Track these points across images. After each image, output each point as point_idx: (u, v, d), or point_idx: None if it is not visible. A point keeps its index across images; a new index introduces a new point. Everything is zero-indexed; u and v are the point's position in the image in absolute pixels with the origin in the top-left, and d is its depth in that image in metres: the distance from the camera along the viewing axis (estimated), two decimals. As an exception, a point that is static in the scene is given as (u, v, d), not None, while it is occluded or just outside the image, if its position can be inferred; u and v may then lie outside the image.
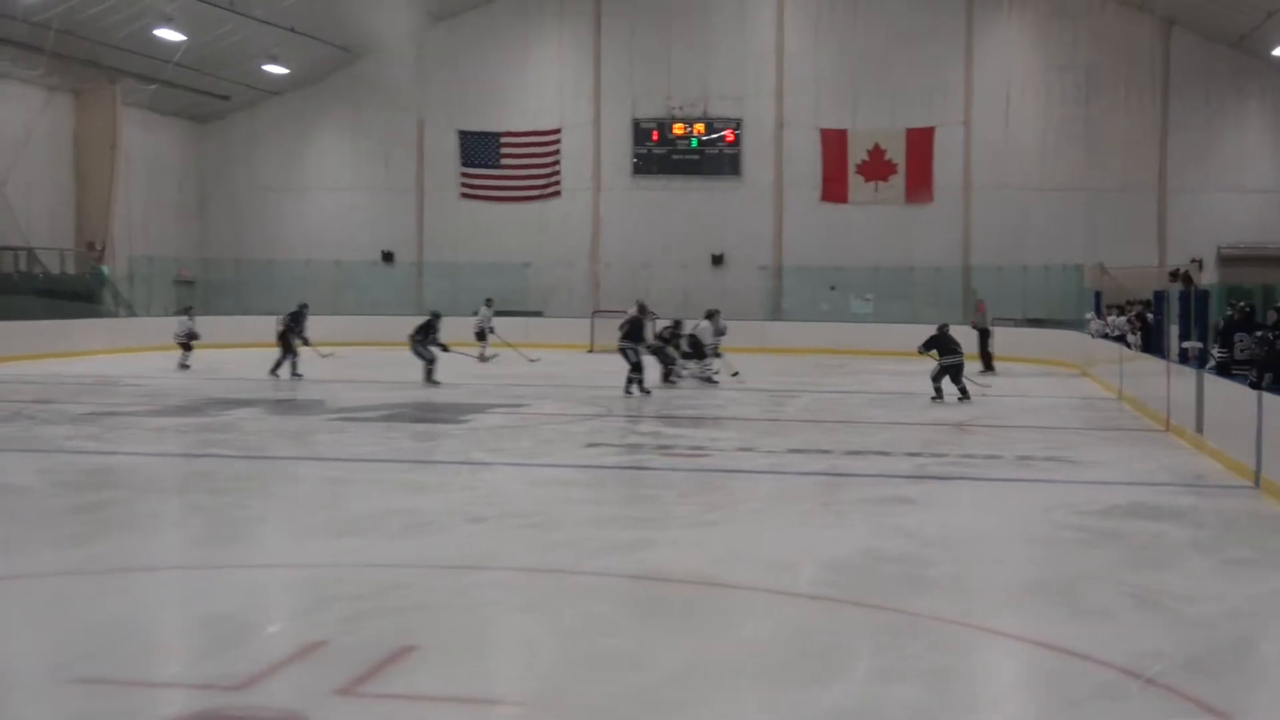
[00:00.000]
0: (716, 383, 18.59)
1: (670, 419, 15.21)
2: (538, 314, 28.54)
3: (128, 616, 6.23)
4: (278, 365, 19.44)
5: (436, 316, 19.01)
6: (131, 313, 26.89)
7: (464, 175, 30.26)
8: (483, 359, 22.77)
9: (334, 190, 31.10)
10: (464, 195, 30.32)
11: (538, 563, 7.44)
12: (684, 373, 18.92)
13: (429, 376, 18.04)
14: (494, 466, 11.22)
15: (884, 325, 24.69)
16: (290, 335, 19.47)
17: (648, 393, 16.75)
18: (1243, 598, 6.87)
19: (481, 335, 23.36)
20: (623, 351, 17.11)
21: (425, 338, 18.31)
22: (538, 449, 12.38)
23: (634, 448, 12.81)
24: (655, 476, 11.02)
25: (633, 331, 17.40)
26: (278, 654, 5.50)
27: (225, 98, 29.61)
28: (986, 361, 21.48)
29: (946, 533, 8.52)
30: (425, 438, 13.22)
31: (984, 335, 21.47)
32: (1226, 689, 5.18)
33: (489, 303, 23.85)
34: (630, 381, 16.77)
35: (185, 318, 21.77)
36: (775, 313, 29.10)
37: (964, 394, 16.35)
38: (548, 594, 6.82)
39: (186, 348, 21.28)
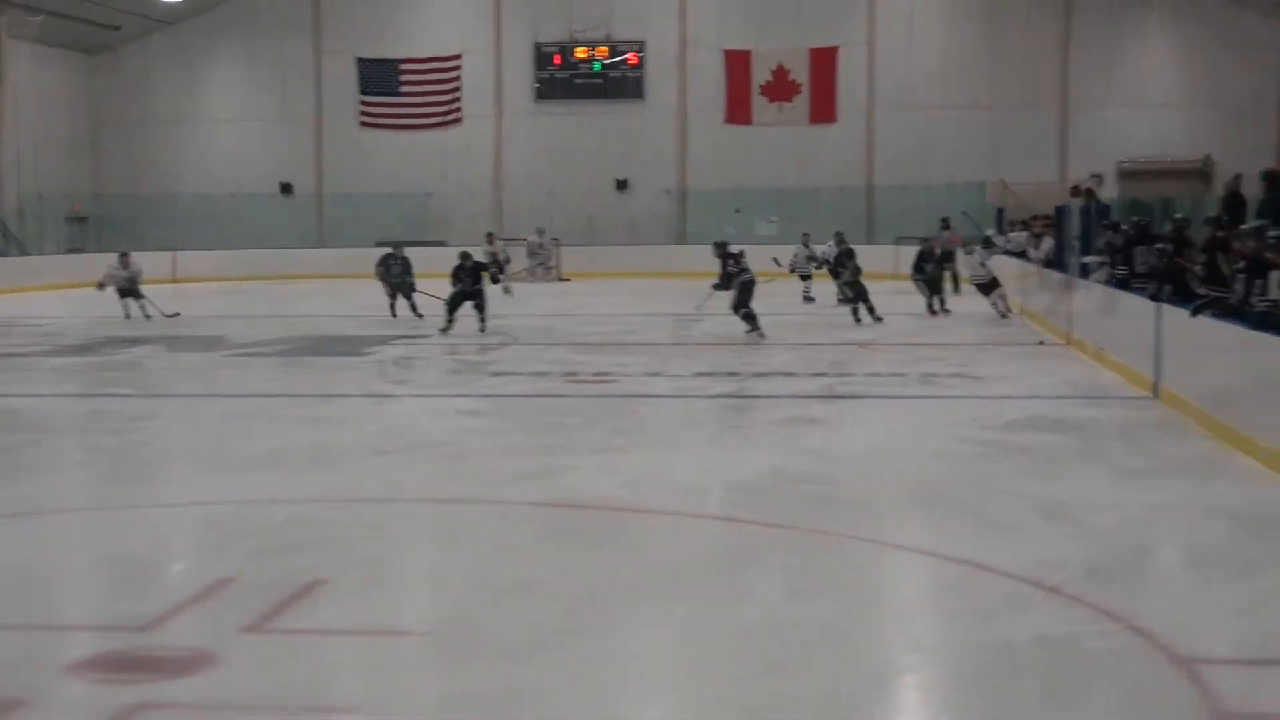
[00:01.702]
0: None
1: (577, 345, 14.83)
2: (441, 243, 25.36)
3: (30, 560, 6.02)
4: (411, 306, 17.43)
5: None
6: (24, 251, 25.89)
7: (363, 104, 29.49)
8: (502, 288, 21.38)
9: (230, 122, 29.92)
10: (364, 124, 29.53)
11: (446, 493, 7.32)
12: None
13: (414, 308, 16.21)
14: (399, 398, 11.04)
15: (789, 246, 22.44)
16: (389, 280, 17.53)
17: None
18: (1141, 506, 6.93)
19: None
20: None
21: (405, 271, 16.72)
22: (443, 380, 12.16)
23: (540, 375, 12.28)
24: (562, 404, 10.71)
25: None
26: (184, 593, 5.38)
27: (116, 28, 28.21)
28: (954, 284, 19.87)
29: (853, 451, 8.54)
30: (327, 371, 12.67)
31: (946, 258, 19.71)
32: (1127, 596, 5.16)
33: (491, 237, 22.34)
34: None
35: (119, 260, 18.27)
36: (680, 237, 28.16)
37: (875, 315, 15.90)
38: (457, 524, 6.73)
39: (132, 294, 17.54)
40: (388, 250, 17.36)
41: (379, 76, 28.96)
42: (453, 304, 13.99)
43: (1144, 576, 5.79)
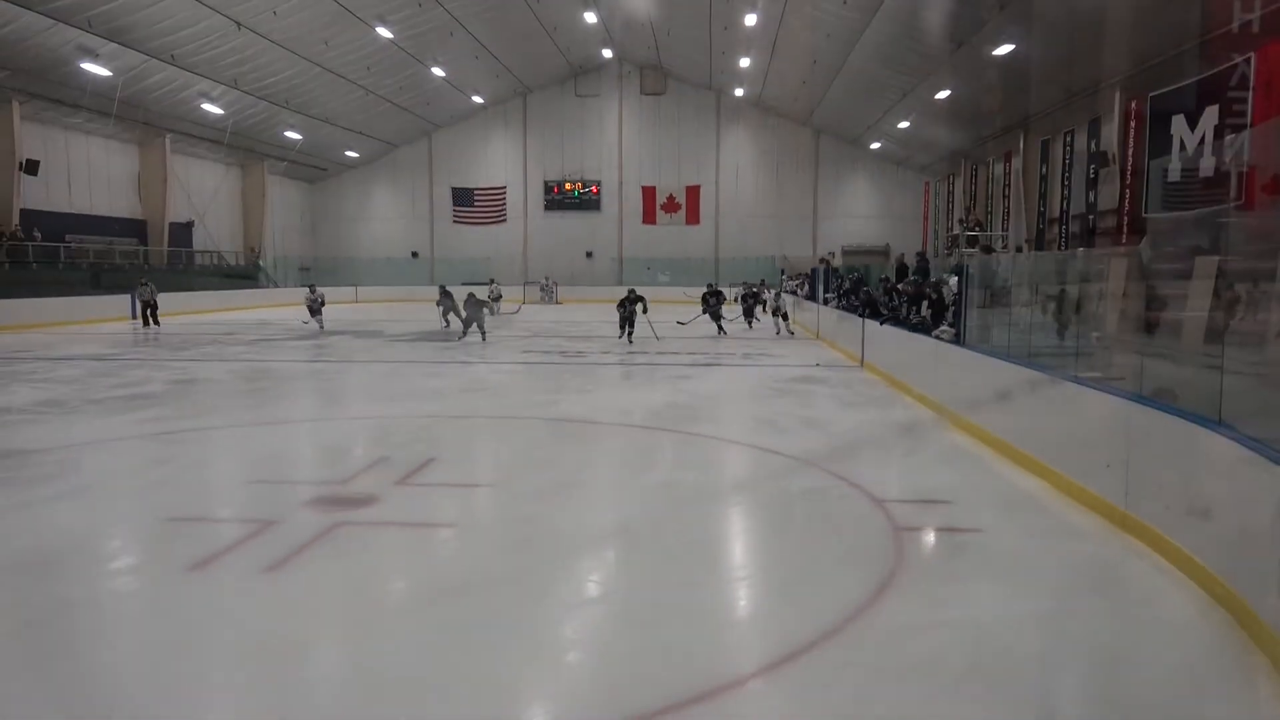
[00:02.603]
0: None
1: (566, 337, 18.83)
2: (495, 281, 35.54)
3: (280, 447, 7.95)
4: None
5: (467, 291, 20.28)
6: (274, 284, 35.08)
7: (455, 210, 40.44)
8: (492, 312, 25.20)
9: (384, 220, 40.93)
10: (455, 221, 40.56)
11: (497, 412, 9.69)
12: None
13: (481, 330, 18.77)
14: (473, 364, 13.93)
15: (674, 287, 34.65)
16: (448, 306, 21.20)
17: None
18: (854, 422, 9.05)
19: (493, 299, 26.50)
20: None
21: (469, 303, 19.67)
22: (497, 354, 15.17)
23: (547, 353, 15.65)
24: (557, 368, 13.45)
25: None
26: (362, 464, 6.98)
27: (324, 169, 39.41)
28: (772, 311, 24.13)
29: (708, 392, 10.96)
30: (437, 349, 16.22)
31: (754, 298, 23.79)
32: (847, 466, 6.89)
33: (492, 281, 29.53)
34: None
35: (309, 290, 23.02)
36: (620, 281, 36.98)
37: (721, 328, 19.77)
38: (504, 428, 8.80)
39: (314, 313, 21.91)
40: (442, 287, 22.28)
41: (462, 195, 40.42)
42: (466, 323, 18.10)
43: (857, 456, 7.50)
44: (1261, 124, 11.89)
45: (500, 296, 27.99)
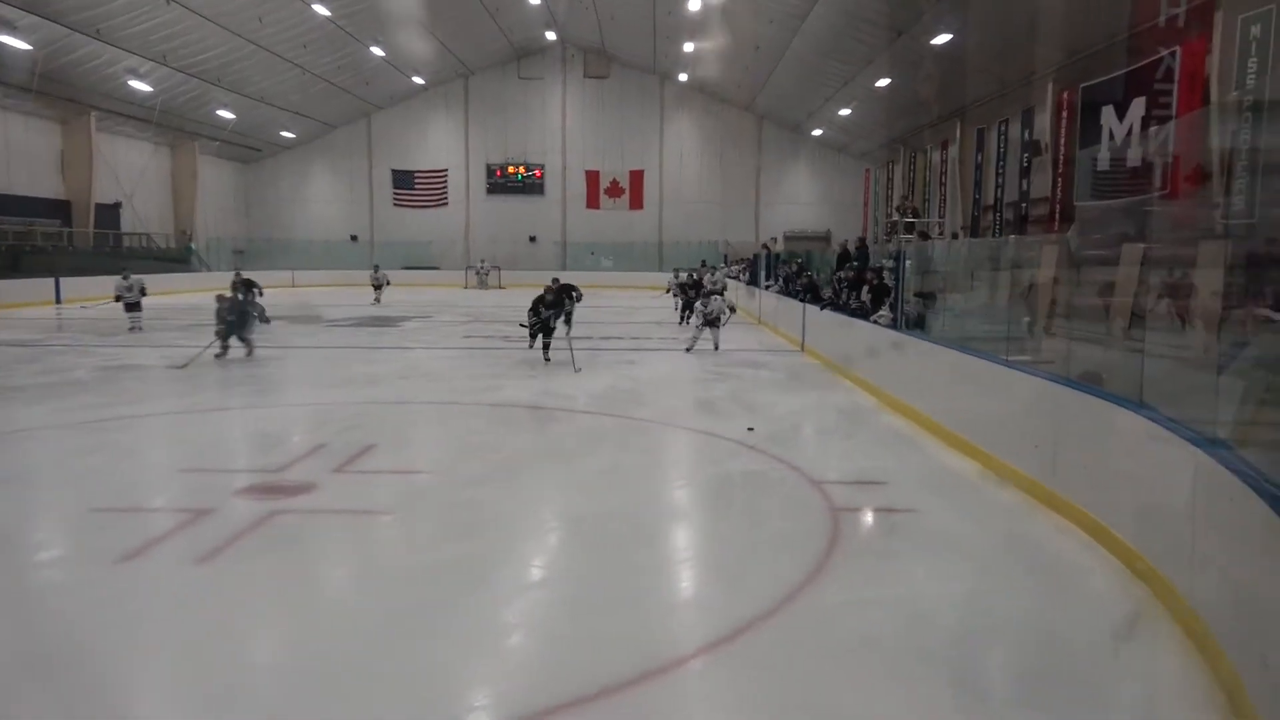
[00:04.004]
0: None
1: (508, 322, 17.88)
2: (436, 268, 38.10)
3: (213, 435, 7.77)
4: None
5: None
6: (209, 269, 34.02)
7: (395, 193, 39.49)
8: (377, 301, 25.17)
9: (322, 201, 39.84)
10: (395, 204, 39.57)
11: (438, 398, 9.63)
12: None
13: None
14: (412, 349, 13.78)
15: (619, 273, 36.94)
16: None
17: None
18: (794, 404, 9.29)
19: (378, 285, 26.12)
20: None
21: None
22: (437, 339, 14.97)
23: (489, 338, 15.54)
24: (499, 353, 13.37)
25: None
26: (299, 452, 6.86)
27: (258, 150, 38.17)
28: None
29: (651, 378, 11.02)
30: (376, 334, 16.05)
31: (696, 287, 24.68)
32: (787, 447, 7.13)
33: (376, 268, 27.60)
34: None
35: (374, 272, 26.28)
36: (563, 267, 37.59)
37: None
38: (444, 414, 8.79)
39: (131, 307, 21.09)
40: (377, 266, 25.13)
41: (402, 178, 39.40)
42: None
43: (796, 440, 7.74)
44: (1185, 116, 12.32)
45: (389, 282, 26.98)
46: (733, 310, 13.57)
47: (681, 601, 4.27)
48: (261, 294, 15.01)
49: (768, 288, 19.83)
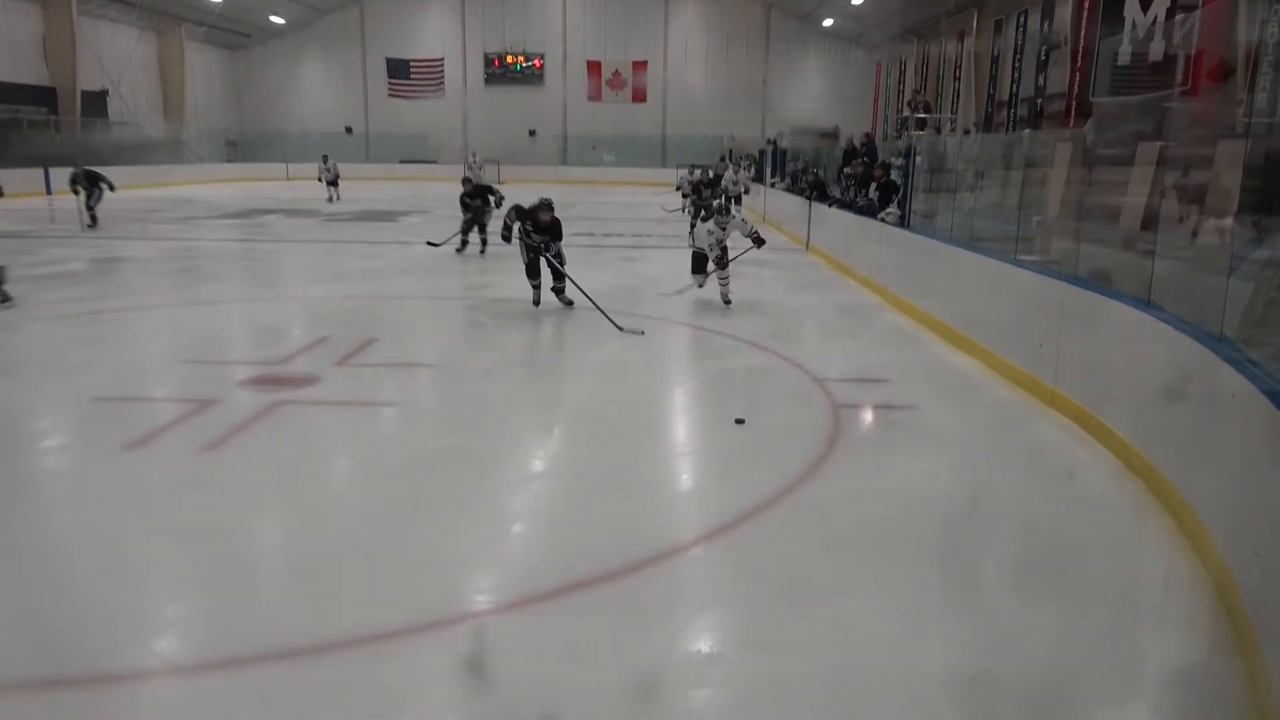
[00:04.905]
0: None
1: (499, 217, 18.16)
2: (434, 162, 36.52)
3: (213, 328, 7.84)
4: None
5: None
6: (200, 160, 33.36)
7: (390, 83, 38.17)
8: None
9: (315, 90, 38.48)
10: (390, 95, 38.27)
11: (439, 293, 9.77)
12: None
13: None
14: (413, 245, 13.59)
15: (621, 168, 36.12)
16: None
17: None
18: (799, 304, 9.41)
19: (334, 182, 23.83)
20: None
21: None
22: (437, 234, 14.17)
23: (490, 233, 14.40)
24: (498, 248, 12.12)
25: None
26: (301, 344, 6.94)
27: (247, 35, 36.93)
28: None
29: (653, 274, 11.01)
30: (374, 228, 15.98)
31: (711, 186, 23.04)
32: (790, 345, 7.22)
33: (325, 158, 25.17)
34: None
35: (324, 164, 23.47)
36: (564, 162, 37.34)
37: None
38: (446, 309, 8.90)
39: (333, 184, 22.57)
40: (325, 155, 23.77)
41: (397, 67, 37.87)
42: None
43: (799, 337, 7.86)
44: (1211, 3, 11.89)
45: (339, 176, 24.59)
46: (758, 242, 9.27)
47: (682, 492, 4.36)
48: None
49: (773, 185, 19.55)
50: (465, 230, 12.49)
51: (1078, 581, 3.43)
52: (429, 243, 12.70)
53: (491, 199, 12.24)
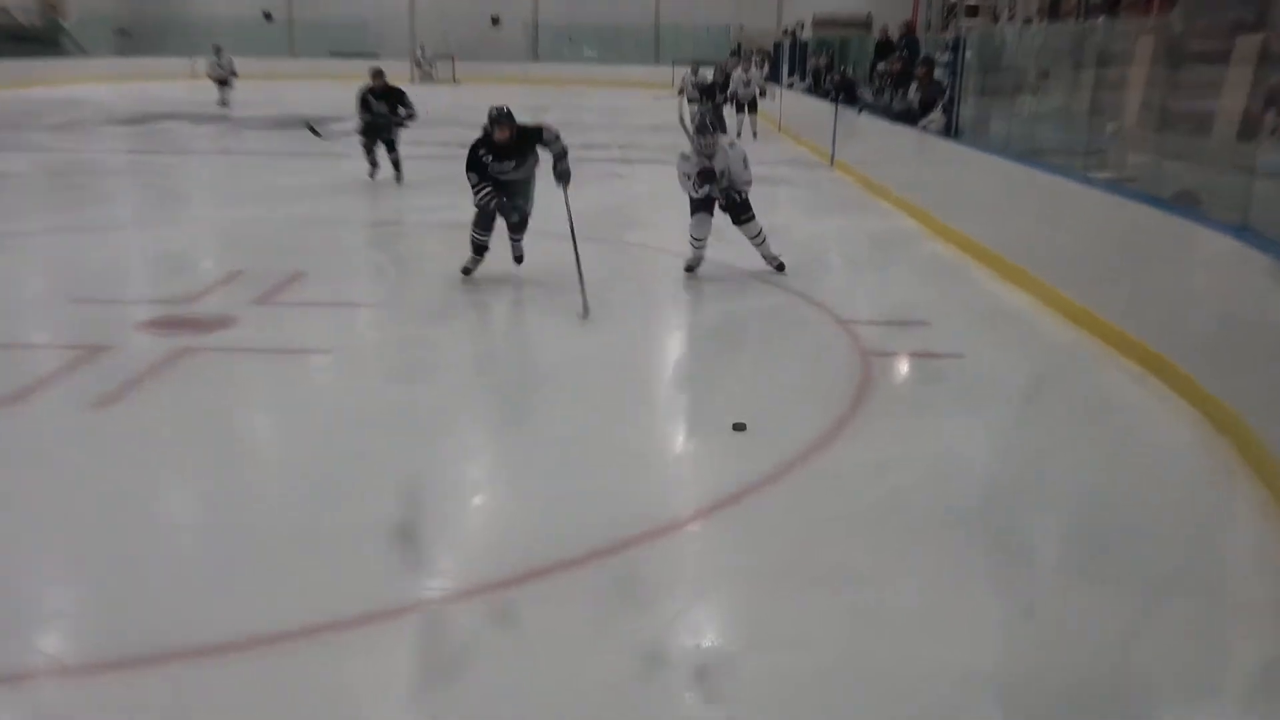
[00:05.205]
0: None
1: (464, 125, 17.14)
2: (374, 55, 32.35)
3: (106, 258, 7.73)
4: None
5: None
6: (83, 53, 32.75)
7: None
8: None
9: None
10: None
11: (379, 217, 9.87)
12: None
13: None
14: (348, 157, 13.00)
15: (605, 66, 34.87)
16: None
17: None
18: (821, 230, 9.47)
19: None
20: None
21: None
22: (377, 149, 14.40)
23: (443, 145, 14.10)
24: (455, 163, 12.61)
25: None
26: (211, 279, 6.91)
27: None
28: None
29: (644, 194, 11.04)
30: (300, 139, 14.80)
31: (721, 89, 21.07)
32: (810, 281, 7.20)
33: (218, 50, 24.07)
34: None
35: (216, 58, 22.71)
36: (534, 56, 36.68)
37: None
38: (388, 237, 8.97)
39: (224, 83, 22.13)
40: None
41: None
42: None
43: (821, 272, 7.82)
44: None
45: (235, 73, 23.39)
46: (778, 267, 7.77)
47: (678, 458, 4.41)
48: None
49: (790, 86, 19.30)
50: (369, 146, 11.47)
51: (1151, 564, 3.46)
52: (308, 125, 12.48)
53: (402, 111, 11.29)
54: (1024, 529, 3.75)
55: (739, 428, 4.38)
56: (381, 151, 11.48)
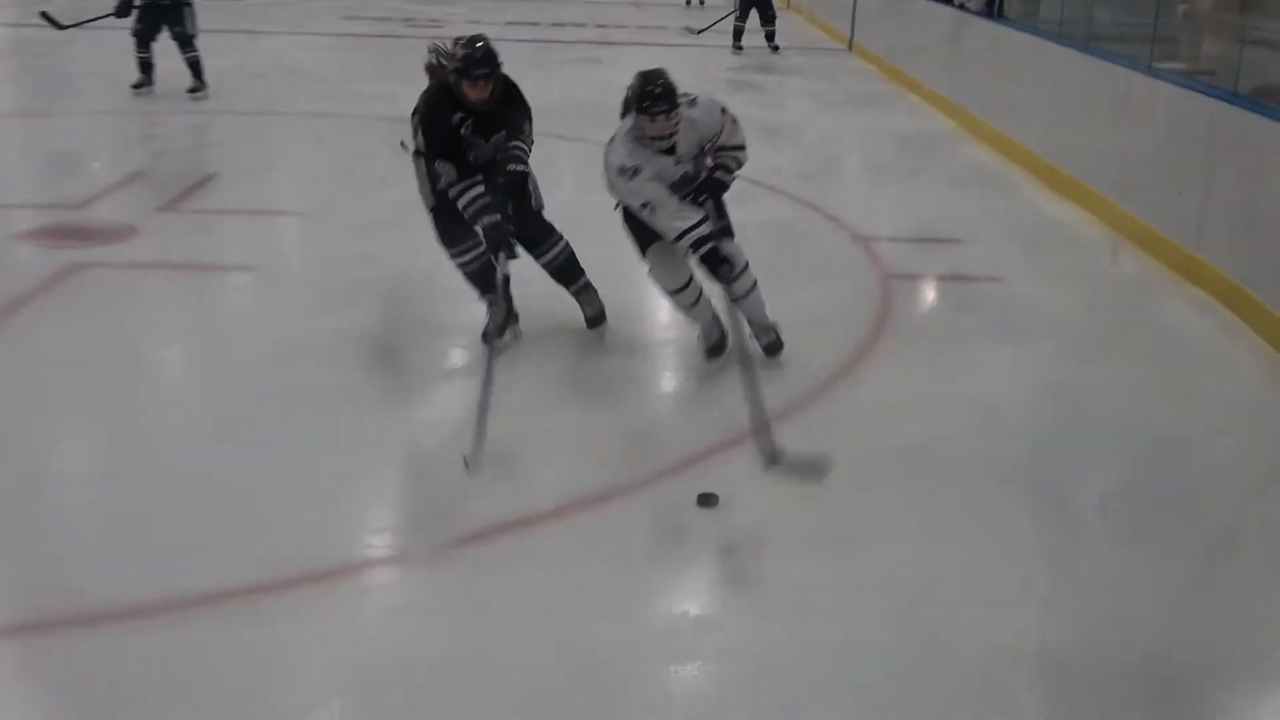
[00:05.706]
0: None
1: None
2: None
3: None
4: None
5: None
6: None
7: None
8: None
9: None
10: None
11: (309, 108, 9.59)
12: None
13: None
14: (270, 34, 13.23)
15: None
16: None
17: None
18: (838, 129, 9.45)
19: None
20: None
21: None
22: (304, 20, 14.39)
23: (383, 20, 15.17)
24: (399, 43, 12.87)
25: None
26: (107, 181, 6.87)
27: None
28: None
29: (624, 84, 11.31)
30: (210, 9, 14.59)
31: None
32: (823, 189, 7.34)
33: None
34: None
35: None
36: None
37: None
38: (320, 131, 8.78)
39: None
40: None
41: None
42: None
43: (836, 179, 7.95)
44: None
45: None
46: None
47: (664, 399, 4.50)
48: None
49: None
50: (141, 45, 9.78)
51: (1217, 524, 3.51)
52: (44, 15, 10.93)
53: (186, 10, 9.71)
54: (1072, 484, 3.78)
55: (706, 501, 3.53)
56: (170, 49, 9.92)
